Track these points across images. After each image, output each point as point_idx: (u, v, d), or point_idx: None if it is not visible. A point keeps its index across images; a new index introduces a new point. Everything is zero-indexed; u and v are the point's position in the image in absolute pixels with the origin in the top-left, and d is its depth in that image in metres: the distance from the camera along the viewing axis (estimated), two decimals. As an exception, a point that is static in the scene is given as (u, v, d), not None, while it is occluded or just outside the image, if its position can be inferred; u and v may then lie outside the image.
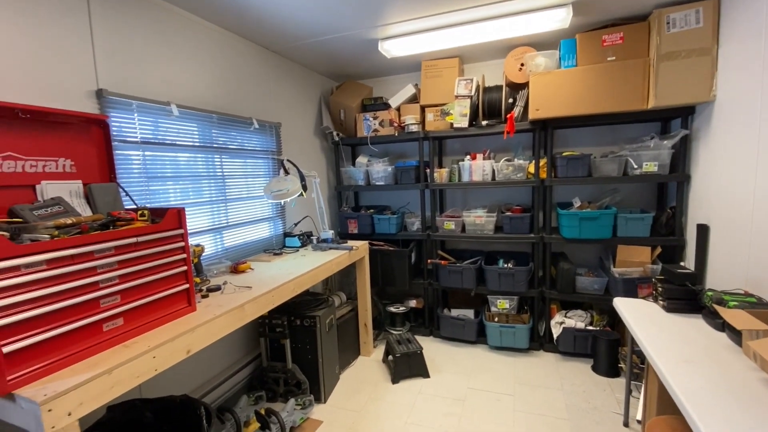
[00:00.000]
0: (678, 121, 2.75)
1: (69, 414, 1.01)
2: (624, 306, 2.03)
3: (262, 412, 2.05)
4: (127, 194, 1.65)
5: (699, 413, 1.15)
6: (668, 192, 2.89)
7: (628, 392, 2.15)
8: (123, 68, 1.79)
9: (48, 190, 1.43)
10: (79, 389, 1.04)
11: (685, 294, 1.86)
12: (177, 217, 1.49)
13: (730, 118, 2.09)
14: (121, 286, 1.28)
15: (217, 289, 1.82)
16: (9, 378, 1.00)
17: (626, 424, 2.15)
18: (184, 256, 1.51)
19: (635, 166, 2.57)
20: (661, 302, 1.95)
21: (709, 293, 1.74)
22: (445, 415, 2.28)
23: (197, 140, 2.20)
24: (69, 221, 1.26)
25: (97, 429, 1.46)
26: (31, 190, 1.40)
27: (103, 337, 1.23)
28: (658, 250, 2.63)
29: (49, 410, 0.97)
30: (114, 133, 1.71)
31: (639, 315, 1.90)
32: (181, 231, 1.49)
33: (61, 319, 1.12)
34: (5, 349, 0.99)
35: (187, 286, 1.52)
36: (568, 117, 2.62)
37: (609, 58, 2.50)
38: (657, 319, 1.83)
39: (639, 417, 2.17)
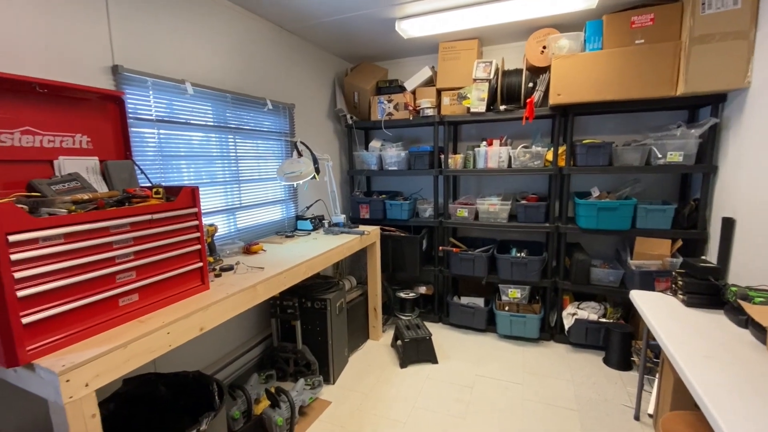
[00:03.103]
0: (706, 109, 2.63)
1: (86, 385, 1.03)
2: (641, 299, 1.98)
3: (273, 390, 2.08)
4: (143, 172, 1.65)
5: (719, 409, 1.11)
6: (692, 183, 2.78)
7: (641, 386, 2.12)
8: (138, 45, 1.77)
9: (65, 165, 1.43)
10: (95, 361, 1.05)
11: (707, 289, 1.81)
12: (191, 195, 1.48)
13: (766, 107, 1.99)
14: (136, 262, 1.29)
15: (230, 269, 1.83)
16: (28, 348, 1.02)
17: (637, 418, 2.13)
18: (198, 234, 1.51)
19: (659, 156, 2.47)
20: (680, 296, 1.90)
21: (734, 288, 1.68)
22: (453, 401, 2.29)
23: (211, 120, 2.19)
24: (86, 197, 1.26)
25: (113, 400, 1.50)
26: (49, 165, 1.41)
27: (119, 311, 1.25)
28: (679, 243, 2.55)
29: (67, 380, 0.99)
30: (129, 111, 1.70)
31: (657, 309, 1.85)
32: (194, 210, 1.49)
33: (78, 292, 1.13)
34: (24, 320, 1.01)
35: (200, 264, 1.53)
36: (590, 103, 2.52)
37: (637, 41, 2.38)
38: (676, 314, 1.78)
39: (650, 411, 2.14)
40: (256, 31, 2.50)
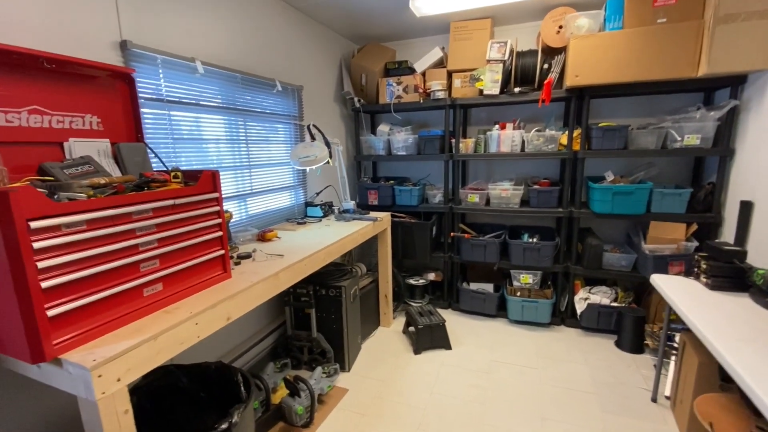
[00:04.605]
0: (722, 92, 2.60)
1: (118, 380, 0.98)
2: (664, 283, 1.97)
3: (291, 379, 2.05)
4: (156, 155, 1.56)
5: (764, 389, 1.10)
6: (705, 167, 2.77)
7: (660, 368, 2.13)
8: (146, 19, 1.66)
9: (76, 148, 1.34)
10: (126, 355, 1.00)
11: (732, 272, 1.80)
12: (212, 179, 1.41)
13: (792, 88, 1.95)
14: (159, 250, 1.22)
15: (248, 256, 1.77)
16: (55, 342, 0.96)
17: (654, 400, 2.14)
18: (219, 221, 1.44)
19: (678, 138, 2.44)
20: (704, 280, 1.89)
21: (761, 271, 1.67)
22: (470, 386, 2.29)
23: (221, 101, 2.09)
24: (102, 181, 1.18)
25: (134, 394, 1.44)
26: (59, 147, 1.32)
27: (144, 302, 1.18)
28: (694, 227, 2.54)
29: (99, 376, 0.93)
30: (139, 90, 1.60)
31: (681, 292, 1.84)
32: (216, 195, 1.42)
33: (102, 282, 1.06)
34: (50, 313, 0.94)
35: (222, 252, 1.46)
36: (609, 85, 2.46)
37: (659, 20, 2.32)
38: (701, 297, 1.77)
39: (667, 393, 2.16)
40: (265, 8, 2.37)
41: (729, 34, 2.13)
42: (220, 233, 1.45)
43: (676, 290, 1.88)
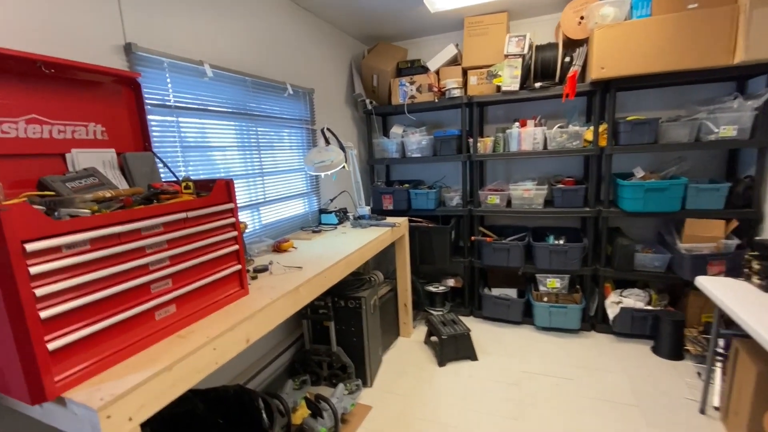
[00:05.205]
0: (756, 80, 2.45)
1: (130, 419, 0.86)
2: (711, 285, 1.82)
3: (312, 398, 1.92)
4: (165, 165, 1.45)
5: None
6: (740, 160, 2.61)
7: (708, 377, 1.97)
8: (151, 21, 1.56)
9: (79, 159, 1.24)
10: (138, 390, 0.88)
11: (791, 272, 1.65)
12: (226, 189, 1.30)
13: None
14: (172, 268, 1.10)
15: (265, 269, 1.65)
16: (57, 379, 0.84)
17: (703, 411, 1.98)
18: (235, 233, 1.33)
19: (715, 130, 2.29)
20: (757, 281, 1.74)
21: (828, 272, 1.52)
22: (502, 400, 2.14)
23: (231, 106, 1.98)
24: (108, 194, 1.07)
25: (148, 424, 1.33)
26: (61, 159, 1.21)
27: (156, 327, 1.07)
28: (734, 223, 2.38)
29: (108, 416, 0.82)
30: (146, 96, 1.50)
31: (732, 295, 1.69)
32: (231, 205, 1.31)
33: (109, 308, 0.95)
34: (50, 346, 0.83)
35: (239, 267, 1.35)
36: (637, 76, 2.32)
37: (690, 6, 2.18)
38: (757, 300, 1.62)
39: (716, 404, 2.00)
40: (273, 8, 2.27)
41: (767, 18, 1.99)
42: (236, 247, 1.33)
43: (727, 293, 1.73)
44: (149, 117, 1.51)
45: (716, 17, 2.12)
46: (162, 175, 1.48)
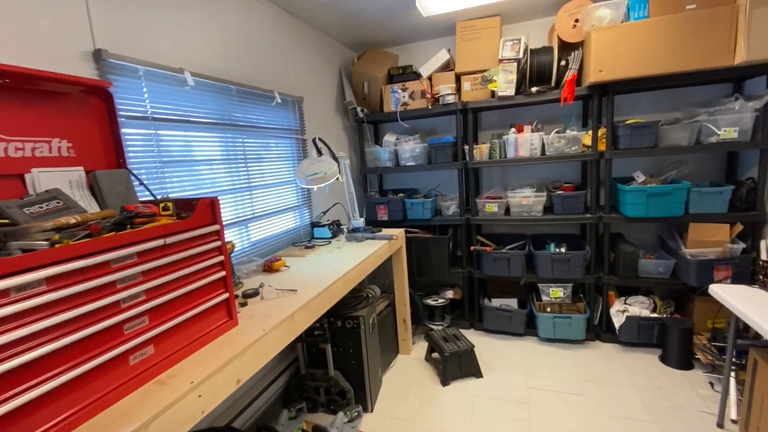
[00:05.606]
0: (753, 81, 2.43)
1: (96, 495, 0.71)
2: (726, 293, 1.75)
3: (309, 429, 1.77)
4: (142, 183, 1.31)
5: None
6: (741, 162, 2.57)
7: (726, 389, 1.89)
8: (124, 26, 1.42)
9: (41, 179, 1.09)
10: (107, 458, 0.73)
11: (811, 279, 1.58)
12: (210, 209, 1.16)
13: None
14: (148, 304, 0.96)
15: (255, 294, 1.51)
16: (6, 451, 0.69)
17: (721, 425, 1.90)
18: (222, 258, 1.19)
19: (718, 132, 2.24)
20: (775, 289, 1.66)
21: None
22: (512, 420, 2.02)
23: (215, 117, 1.85)
24: (73, 220, 0.93)
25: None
26: (19, 180, 1.06)
27: (130, 373, 0.92)
28: (739, 227, 2.33)
29: (68, 496, 0.67)
30: (119, 107, 1.36)
31: (751, 304, 1.62)
32: (216, 227, 1.17)
33: (72, 358, 0.80)
34: (-3, 411, 0.68)
35: (227, 295, 1.20)
36: (636, 79, 2.27)
37: (688, 7, 2.14)
38: (780, 310, 1.54)
39: (733, 416, 1.92)
40: (257, 13, 2.16)
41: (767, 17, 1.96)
42: (223, 273, 1.19)
43: (744, 302, 1.65)
44: (123, 130, 1.37)
45: (715, 18, 2.08)
46: (139, 194, 1.34)
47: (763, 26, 1.97)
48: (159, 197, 1.21)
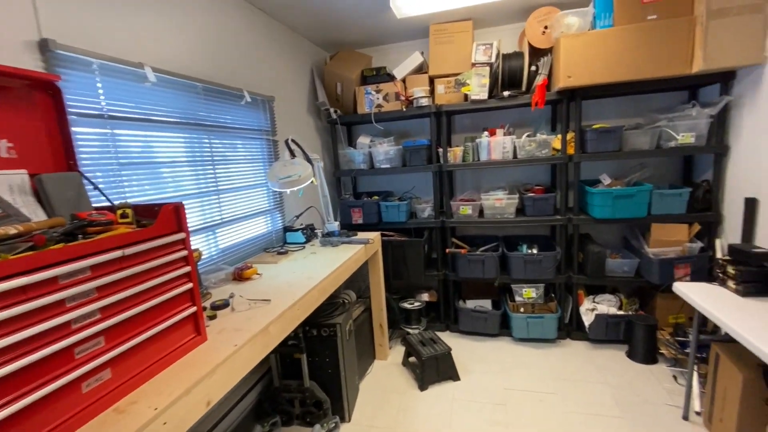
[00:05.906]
0: (707, 89, 2.58)
1: None
2: (690, 291, 1.83)
3: (284, 446, 1.69)
4: (96, 187, 1.19)
5: None
6: (696, 165, 2.73)
7: (690, 383, 1.97)
8: (76, 14, 1.30)
9: (-26, 184, 0.96)
10: (54, 505, 0.64)
11: (765, 276, 1.68)
12: (175, 215, 1.07)
13: (789, 82, 1.90)
14: (104, 323, 0.86)
15: (225, 305, 1.42)
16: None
17: (686, 417, 1.98)
18: (188, 269, 1.10)
19: (677, 137, 2.36)
20: (733, 286, 1.76)
21: (801, 275, 1.55)
22: (490, 423, 2.02)
23: (179, 116, 1.73)
24: (13, 230, 0.82)
25: None
26: (-54, 185, 0.93)
27: (84, 401, 0.82)
28: (697, 227, 2.46)
29: None
30: (69, 103, 1.23)
31: (712, 301, 1.70)
32: (182, 235, 1.08)
33: (11, 390, 0.70)
34: None
35: (194, 309, 1.11)
36: (601, 85, 2.35)
37: (650, 17, 2.24)
38: (735, 305, 1.64)
39: (697, 409, 2.01)
40: (223, 6, 2.05)
41: (722, 29, 2.08)
42: (189, 285, 1.10)
43: (706, 299, 1.73)
44: (74, 129, 1.25)
45: (674, 28, 2.19)
46: (93, 200, 1.21)
47: (718, 37, 2.09)
48: (116, 203, 1.10)
